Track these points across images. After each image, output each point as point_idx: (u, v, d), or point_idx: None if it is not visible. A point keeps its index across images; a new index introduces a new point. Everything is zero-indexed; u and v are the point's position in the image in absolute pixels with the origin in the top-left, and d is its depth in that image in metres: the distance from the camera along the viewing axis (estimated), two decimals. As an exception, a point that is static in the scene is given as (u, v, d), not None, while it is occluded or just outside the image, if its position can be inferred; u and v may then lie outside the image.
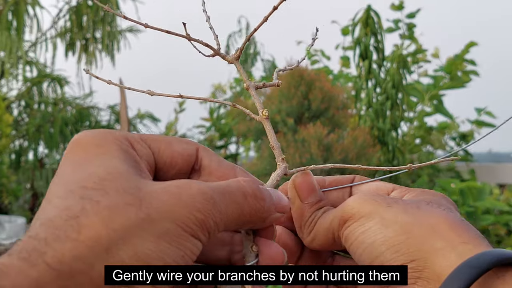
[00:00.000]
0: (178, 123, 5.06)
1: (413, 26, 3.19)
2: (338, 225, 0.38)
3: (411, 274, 0.34)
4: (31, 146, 4.58)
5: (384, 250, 0.34)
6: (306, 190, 0.40)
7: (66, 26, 4.89)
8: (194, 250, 0.31)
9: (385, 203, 0.36)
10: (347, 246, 0.37)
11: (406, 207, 0.36)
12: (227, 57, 0.41)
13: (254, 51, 5.10)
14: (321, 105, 2.28)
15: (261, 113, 0.41)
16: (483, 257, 0.32)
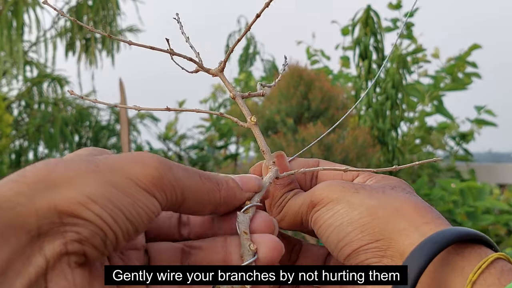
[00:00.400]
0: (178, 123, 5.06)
1: (411, 25, 3.19)
2: (307, 209, 0.39)
3: (375, 253, 0.36)
4: (31, 146, 4.58)
5: (351, 230, 0.37)
6: (280, 171, 0.41)
7: (66, 26, 4.89)
8: (149, 205, 0.30)
9: (353, 188, 0.38)
10: (315, 229, 0.39)
11: (372, 192, 0.38)
12: (211, 70, 0.42)
13: (254, 51, 5.10)
14: (320, 105, 2.28)
15: (249, 119, 0.42)
16: (443, 234, 0.34)
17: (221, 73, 0.42)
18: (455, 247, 0.34)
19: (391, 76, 2.65)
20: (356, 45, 2.76)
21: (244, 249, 0.36)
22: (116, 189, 0.29)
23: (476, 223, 2.62)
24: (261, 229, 0.36)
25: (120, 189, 0.29)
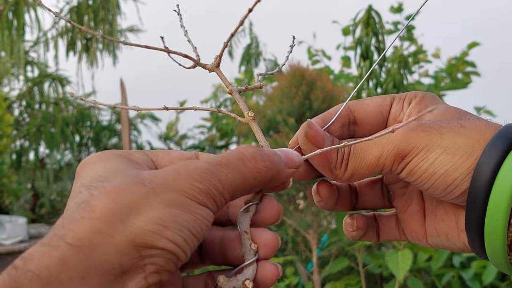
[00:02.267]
0: (178, 123, 5.06)
1: (412, 28, 3.19)
2: (393, 160, 0.38)
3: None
4: (32, 146, 4.58)
5: (458, 176, 0.36)
6: (319, 137, 0.40)
7: (67, 26, 4.89)
8: (205, 216, 0.32)
9: (435, 131, 0.38)
10: (412, 178, 0.38)
11: (454, 130, 0.37)
12: (207, 65, 0.42)
13: (256, 50, 5.10)
14: (322, 105, 2.28)
15: (246, 115, 0.42)
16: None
17: (217, 68, 0.42)
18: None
19: (392, 76, 2.64)
20: (357, 45, 2.76)
21: (245, 249, 0.36)
22: (178, 208, 0.30)
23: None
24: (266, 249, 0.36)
25: (181, 207, 0.30)
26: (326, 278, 2.41)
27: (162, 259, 0.29)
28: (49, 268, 0.26)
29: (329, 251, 2.35)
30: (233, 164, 0.34)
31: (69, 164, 4.92)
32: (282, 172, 0.37)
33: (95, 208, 0.28)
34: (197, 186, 0.31)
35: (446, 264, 2.32)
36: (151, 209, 0.29)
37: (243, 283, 0.35)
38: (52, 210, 4.63)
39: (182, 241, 0.30)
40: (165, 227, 0.29)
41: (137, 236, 0.28)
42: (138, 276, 0.28)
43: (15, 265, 0.26)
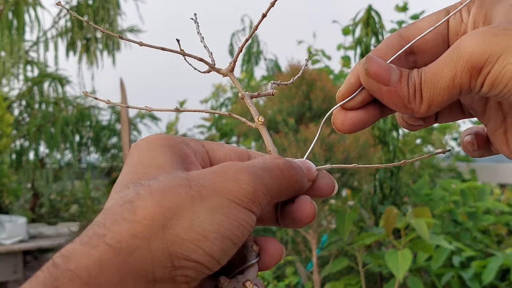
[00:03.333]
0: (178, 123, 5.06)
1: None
2: (470, 77, 0.33)
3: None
4: (31, 146, 4.58)
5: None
6: (384, 72, 0.36)
7: (66, 26, 4.89)
8: (249, 222, 0.31)
9: (505, 32, 0.32)
10: (495, 92, 0.33)
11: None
12: (222, 70, 0.42)
13: (257, 50, 5.10)
14: (322, 105, 2.28)
15: (256, 119, 0.41)
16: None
17: (231, 73, 0.42)
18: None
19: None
20: (357, 45, 2.76)
21: (247, 250, 0.36)
22: (223, 215, 0.30)
23: (477, 223, 2.62)
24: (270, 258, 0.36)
25: (226, 214, 0.30)
26: (326, 278, 2.41)
27: (194, 271, 0.29)
28: (88, 269, 0.26)
29: (329, 251, 2.35)
30: (274, 172, 0.34)
31: (69, 164, 4.92)
32: (304, 186, 0.37)
33: (138, 209, 0.29)
34: (245, 188, 0.31)
35: (445, 264, 2.32)
36: (194, 216, 0.29)
37: (243, 284, 0.34)
38: (52, 209, 4.63)
39: (220, 253, 0.30)
40: (205, 237, 0.29)
41: (174, 244, 0.28)
42: (168, 286, 0.28)
43: (55, 263, 0.27)
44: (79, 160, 5.07)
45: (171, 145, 0.34)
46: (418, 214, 1.92)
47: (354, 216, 2.18)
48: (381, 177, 2.61)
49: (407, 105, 0.36)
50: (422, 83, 0.35)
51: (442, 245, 1.99)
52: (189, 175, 0.31)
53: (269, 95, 0.44)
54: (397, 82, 0.36)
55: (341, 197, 2.45)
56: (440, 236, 2.15)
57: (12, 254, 3.28)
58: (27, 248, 3.32)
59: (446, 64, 0.34)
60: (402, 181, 2.65)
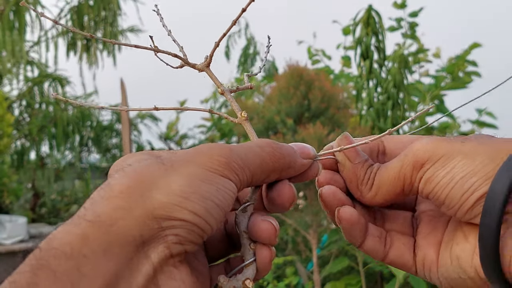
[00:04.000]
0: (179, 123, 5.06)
1: (415, 25, 3.18)
2: (412, 171, 0.37)
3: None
4: (32, 146, 4.58)
5: (476, 180, 0.35)
6: (354, 151, 0.41)
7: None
8: (228, 187, 0.32)
9: (458, 140, 0.37)
10: (429, 188, 0.37)
11: (480, 141, 0.36)
12: (197, 65, 0.42)
13: (254, 51, 5.11)
14: (321, 105, 2.28)
15: (239, 115, 0.41)
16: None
17: (207, 68, 0.42)
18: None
19: (393, 76, 2.65)
20: (357, 45, 2.76)
21: (244, 249, 0.36)
22: (199, 179, 0.31)
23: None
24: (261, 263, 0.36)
25: (202, 179, 0.31)
26: (326, 277, 2.42)
27: (184, 230, 0.30)
28: (71, 244, 0.27)
29: (329, 250, 2.35)
30: (251, 148, 0.35)
31: (70, 164, 4.92)
32: (298, 162, 0.38)
33: (114, 187, 0.30)
34: (217, 159, 0.32)
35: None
36: (171, 182, 0.30)
37: (243, 283, 0.35)
38: (53, 209, 4.63)
39: (205, 212, 0.30)
40: (185, 198, 0.30)
41: (156, 208, 0.29)
42: (160, 246, 0.29)
43: (40, 246, 0.27)
44: (79, 160, 5.07)
45: (148, 152, 0.36)
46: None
47: (354, 216, 2.18)
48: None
49: (359, 186, 0.40)
50: (376, 173, 0.40)
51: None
52: (160, 157, 0.33)
53: (248, 89, 0.44)
54: (360, 164, 0.40)
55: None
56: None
57: (12, 254, 3.29)
58: (27, 248, 3.32)
59: (397, 159, 0.39)
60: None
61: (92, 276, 0.26)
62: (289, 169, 0.37)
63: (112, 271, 0.27)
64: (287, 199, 0.38)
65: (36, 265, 0.26)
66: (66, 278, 0.26)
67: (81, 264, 0.26)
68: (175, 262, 0.30)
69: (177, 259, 0.30)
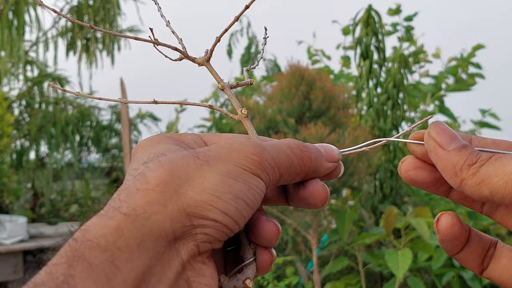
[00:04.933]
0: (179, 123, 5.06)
1: (411, 29, 3.18)
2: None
3: None
4: (32, 146, 4.58)
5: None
6: (446, 137, 0.35)
7: (66, 26, 4.89)
8: (259, 186, 0.33)
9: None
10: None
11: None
12: (197, 59, 0.41)
13: (255, 50, 5.10)
14: (322, 105, 2.28)
15: (239, 112, 0.41)
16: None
17: (207, 62, 0.41)
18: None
19: (393, 76, 2.64)
20: (357, 45, 2.76)
21: (244, 248, 0.36)
22: (232, 178, 0.31)
23: (477, 223, 2.62)
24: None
25: (235, 177, 0.31)
26: (326, 277, 2.41)
27: (214, 230, 0.30)
28: (106, 237, 0.27)
29: (329, 250, 2.35)
30: (281, 148, 0.35)
31: (70, 164, 4.92)
32: (324, 165, 0.38)
33: (150, 179, 0.30)
34: (251, 158, 0.32)
35: (446, 264, 2.32)
36: (205, 180, 0.30)
37: (243, 282, 0.35)
38: (52, 209, 4.63)
39: (235, 212, 0.31)
40: (218, 198, 0.30)
41: (189, 205, 0.30)
42: (190, 243, 0.30)
43: (75, 237, 0.28)
44: (79, 160, 5.07)
45: (172, 137, 0.36)
46: (418, 214, 1.92)
47: (354, 216, 2.18)
48: (381, 177, 2.61)
49: (457, 172, 0.34)
50: (489, 159, 0.33)
51: (442, 245, 1.99)
52: (195, 150, 0.33)
53: (248, 84, 0.43)
54: (456, 150, 0.34)
55: (341, 197, 2.45)
56: (440, 236, 2.14)
57: (12, 254, 3.28)
58: (27, 248, 3.32)
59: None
60: (402, 181, 2.65)
61: (126, 269, 0.27)
62: (315, 172, 0.37)
63: (145, 265, 0.27)
64: (321, 199, 0.37)
65: (72, 256, 0.26)
66: (101, 271, 0.26)
67: (116, 257, 0.27)
68: (203, 258, 0.31)
69: (205, 256, 0.31)
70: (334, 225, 2.44)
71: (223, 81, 0.41)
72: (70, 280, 0.26)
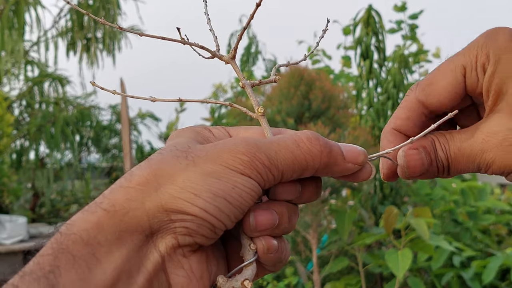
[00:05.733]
0: (179, 123, 5.06)
1: (415, 27, 3.18)
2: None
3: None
4: (32, 146, 4.58)
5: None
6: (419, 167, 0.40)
7: (67, 26, 4.89)
8: (247, 185, 0.33)
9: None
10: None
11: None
12: (224, 57, 0.42)
13: (255, 50, 5.10)
14: (321, 105, 2.28)
15: (256, 110, 0.41)
16: None
17: (232, 60, 0.42)
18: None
19: (393, 76, 2.65)
20: (357, 44, 2.76)
21: (244, 249, 0.36)
22: (215, 177, 0.32)
23: (477, 223, 2.62)
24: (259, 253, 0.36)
25: (218, 176, 0.32)
26: (326, 277, 2.41)
27: (194, 224, 0.31)
28: (88, 231, 0.29)
29: (329, 250, 2.35)
30: (284, 144, 0.34)
31: (69, 164, 4.92)
32: (340, 164, 0.36)
33: (133, 177, 0.32)
34: (240, 158, 0.33)
35: (446, 264, 2.32)
36: (186, 179, 0.31)
37: (242, 283, 0.35)
38: (52, 209, 4.63)
39: (215, 210, 0.31)
40: (196, 196, 0.31)
41: (167, 202, 0.31)
42: (168, 236, 0.31)
43: (60, 231, 0.30)
44: (79, 160, 5.07)
45: (196, 130, 0.38)
46: (418, 214, 1.92)
47: (354, 216, 2.18)
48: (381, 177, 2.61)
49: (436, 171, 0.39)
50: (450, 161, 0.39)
51: (442, 246, 1.99)
52: (190, 148, 0.34)
53: (272, 82, 0.43)
54: (429, 165, 0.39)
55: (341, 197, 2.45)
56: (440, 236, 2.15)
57: (12, 254, 3.29)
58: (27, 248, 3.32)
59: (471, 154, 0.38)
60: (402, 181, 2.65)
61: (105, 261, 0.29)
62: (326, 169, 0.36)
63: (123, 257, 0.29)
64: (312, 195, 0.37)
65: (58, 249, 0.29)
66: (84, 263, 0.28)
67: (96, 250, 0.29)
68: (185, 251, 0.32)
69: (186, 249, 0.32)
70: (334, 225, 2.43)
71: (245, 79, 0.42)
72: (56, 270, 0.28)
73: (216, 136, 0.38)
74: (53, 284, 0.27)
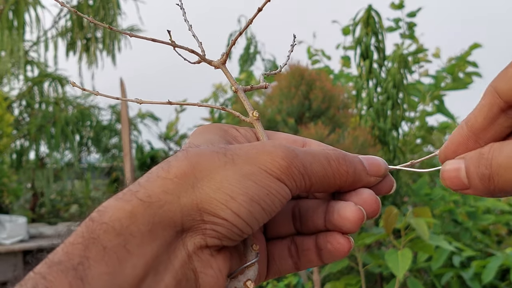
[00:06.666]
0: (178, 123, 5.06)
1: (413, 25, 3.18)
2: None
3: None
4: (32, 146, 4.58)
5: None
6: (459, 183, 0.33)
7: (67, 26, 4.89)
8: (281, 192, 0.32)
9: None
10: None
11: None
12: (213, 62, 0.41)
13: (254, 50, 5.10)
14: (321, 105, 2.28)
15: (251, 114, 0.40)
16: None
17: (223, 65, 0.41)
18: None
19: (392, 75, 2.65)
20: (357, 45, 2.76)
21: (246, 249, 0.36)
22: (252, 181, 0.31)
23: (477, 223, 2.62)
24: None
25: (256, 180, 0.31)
26: (326, 277, 2.41)
27: (223, 228, 0.31)
28: (121, 221, 0.28)
29: (329, 250, 2.34)
30: (318, 157, 0.34)
31: (69, 164, 4.92)
32: (363, 180, 0.36)
33: (172, 169, 0.31)
34: (278, 162, 0.32)
35: (446, 264, 2.32)
36: (224, 178, 0.31)
37: (244, 284, 0.34)
38: (52, 209, 4.63)
39: (248, 215, 0.31)
40: (232, 198, 0.30)
41: (202, 201, 0.30)
42: (197, 236, 0.31)
43: (92, 217, 0.29)
44: (79, 160, 5.07)
45: (223, 128, 0.38)
46: (418, 214, 1.92)
47: (354, 216, 2.18)
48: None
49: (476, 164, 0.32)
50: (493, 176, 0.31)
51: (442, 246, 1.99)
52: (228, 146, 0.33)
53: (263, 88, 0.43)
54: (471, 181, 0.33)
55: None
56: (440, 236, 2.15)
57: (12, 254, 3.28)
58: (27, 248, 3.32)
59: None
60: (402, 181, 2.65)
61: (136, 254, 0.28)
62: (351, 186, 0.36)
63: (154, 252, 0.29)
64: (350, 222, 0.35)
65: (88, 238, 0.28)
66: (114, 254, 0.27)
67: (128, 242, 0.28)
68: (212, 251, 0.31)
69: (213, 249, 0.31)
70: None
71: (237, 84, 0.41)
72: (85, 261, 0.27)
73: (244, 136, 0.38)
74: (82, 276, 0.26)
